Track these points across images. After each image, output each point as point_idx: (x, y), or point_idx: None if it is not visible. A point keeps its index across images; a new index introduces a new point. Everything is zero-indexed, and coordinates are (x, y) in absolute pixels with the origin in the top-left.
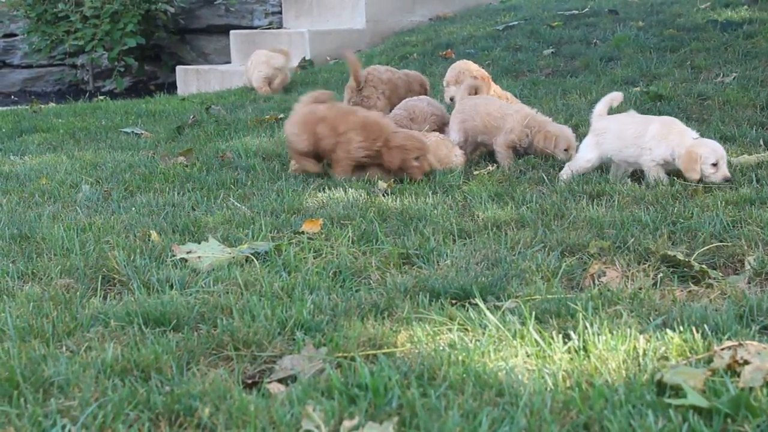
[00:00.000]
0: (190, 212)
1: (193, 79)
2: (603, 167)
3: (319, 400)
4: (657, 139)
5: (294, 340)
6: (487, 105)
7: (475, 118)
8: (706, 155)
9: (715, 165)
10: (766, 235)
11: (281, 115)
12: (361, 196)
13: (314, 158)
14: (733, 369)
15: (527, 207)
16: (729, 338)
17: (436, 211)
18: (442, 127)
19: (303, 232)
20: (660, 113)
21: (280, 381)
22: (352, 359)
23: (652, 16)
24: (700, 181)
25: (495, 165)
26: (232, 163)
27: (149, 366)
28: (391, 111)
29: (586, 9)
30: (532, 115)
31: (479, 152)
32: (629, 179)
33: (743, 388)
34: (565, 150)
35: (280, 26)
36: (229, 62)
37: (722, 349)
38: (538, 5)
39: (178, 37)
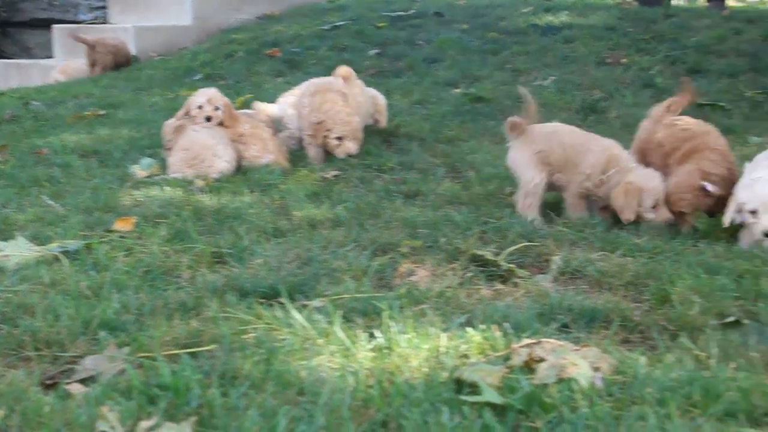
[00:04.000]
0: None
1: (13, 74)
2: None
3: (117, 400)
4: None
5: (97, 339)
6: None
7: (556, 150)
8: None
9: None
10: (572, 235)
11: (102, 112)
12: (177, 194)
13: None
14: (529, 366)
15: (343, 206)
16: (528, 336)
17: (252, 210)
18: None
19: (115, 231)
20: (480, 115)
21: (80, 381)
22: (155, 359)
23: (476, 18)
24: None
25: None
26: (48, 159)
27: None
28: None
29: (412, 10)
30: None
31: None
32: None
33: (537, 385)
34: (653, 208)
35: (105, 21)
36: (51, 57)
37: (520, 347)
38: (365, 6)
39: (0, 30)
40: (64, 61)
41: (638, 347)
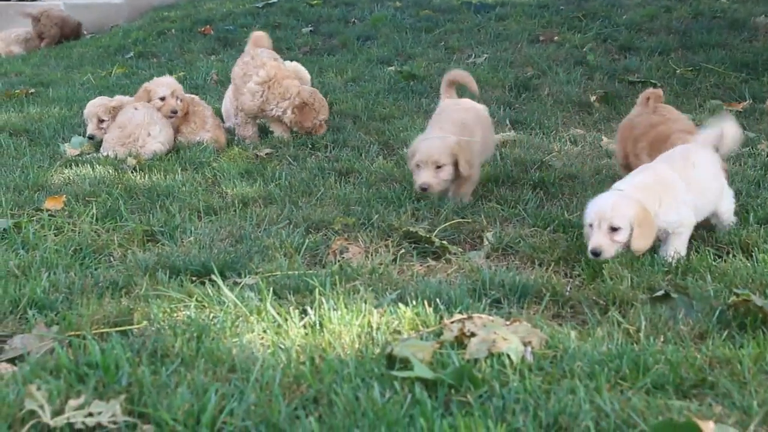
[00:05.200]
0: None
1: None
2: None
3: (46, 379)
4: None
5: (26, 319)
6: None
7: None
8: None
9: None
10: (505, 212)
11: (32, 90)
12: (109, 173)
13: None
14: (461, 341)
15: (276, 184)
16: (460, 312)
17: (184, 188)
18: None
19: (45, 209)
20: (413, 93)
21: (8, 361)
22: (84, 338)
23: None
24: None
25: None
26: None
27: None
28: None
29: None
30: None
31: None
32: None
33: (468, 360)
34: None
35: None
36: None
37: (452, 323)
38: None
39: None
40: None
41: (569, 322)
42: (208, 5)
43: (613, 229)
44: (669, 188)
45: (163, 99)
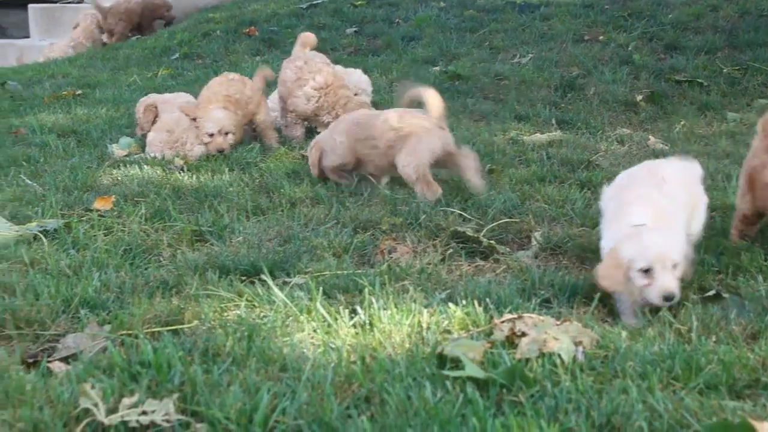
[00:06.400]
0: None
1: None
2: None
3: (99, 378)
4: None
5: (78, 318)
6: None
7: None
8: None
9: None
10: (552, 211)
11: (79, 91)
12: (156, 173)
13: None
14: (511, 341)
15: (323, 184)
16: (510, 311)
17: (232, 188)
18: None
19: (95, 210)
20: (458, 93)
21: (62, 360)
22: (136, 337)
23: None
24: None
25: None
26: (25, 139)
27: None
28: None
29: None
30: None
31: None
32: None
33: (519, 360)
34: None
35: (80, 1)
36: (27, 36)
37: (502, 322)
38: None
39: None
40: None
41: (619, 322)
42: (252, 6)
43: (674, 267)
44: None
45: (211, 135)
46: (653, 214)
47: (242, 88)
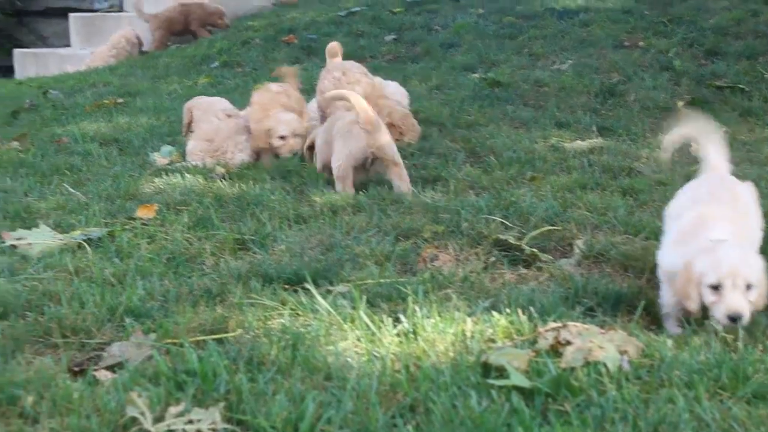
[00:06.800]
0: (22, 198)
1: (31, 63)
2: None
3: (145, 386)
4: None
5: (123, 326)
6: None
7: None
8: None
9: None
10: (595, 219)
11: (120, 100)
12: (198, 181)
13: None
14: (556, 350)
15: (364, 192)
16: (554, 320)
17: (273, 197)
18: None
19: (137, 218)
20: (498, 100)
21: (107, 368)
22: (181, 345)
23: (492, 3)
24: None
25: None
26: (68, 148)
27: None
28: None
29: None
30: None
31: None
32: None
33: (564, 368)
34: None
35: (120, 9)
36: (68, 45)
37: (546, 331)
38: None
39: (16, 19)
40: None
41: (664, 331)
42: (291, 14)
43: (747, 287)
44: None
45: (283, 138)
46: (733, 231)
47: (287, 100)
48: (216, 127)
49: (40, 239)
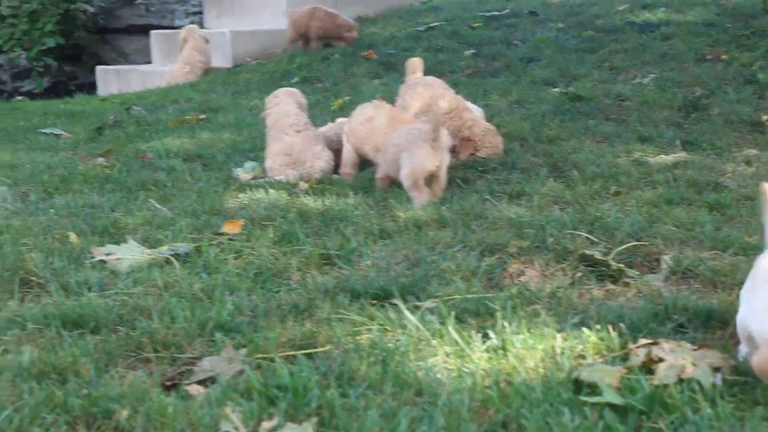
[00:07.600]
0: (109, 214)
1: (113, 80)
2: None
3: (238, 401)
4: None
5: (213, 341)
6: None
7: None
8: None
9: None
10: (682, 234)
11: (202, 116)
12: (282, 197)
13: None
14: (648, 367)
15: (447, 207)
16: (644, 336)
17: (357, 212)
18: None
19: (223, 233)
20: (580, 114)
21: (199, 382)
22: (272, 360)
23: (571, 17)
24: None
25: None
26: (152, 164)
27: (67, 369)
28: None
29: (507, 10)
30: None
31: None
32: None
33: (657, 386)
34: None
35: (201, 26)
36: (149, 62)
37: (638, 347)
38: (459, 6)
39: (98, 36)
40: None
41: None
42: (370, 29)
43: None
44: None
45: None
46: None
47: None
48: (290, 143)
49: (128, 254)
